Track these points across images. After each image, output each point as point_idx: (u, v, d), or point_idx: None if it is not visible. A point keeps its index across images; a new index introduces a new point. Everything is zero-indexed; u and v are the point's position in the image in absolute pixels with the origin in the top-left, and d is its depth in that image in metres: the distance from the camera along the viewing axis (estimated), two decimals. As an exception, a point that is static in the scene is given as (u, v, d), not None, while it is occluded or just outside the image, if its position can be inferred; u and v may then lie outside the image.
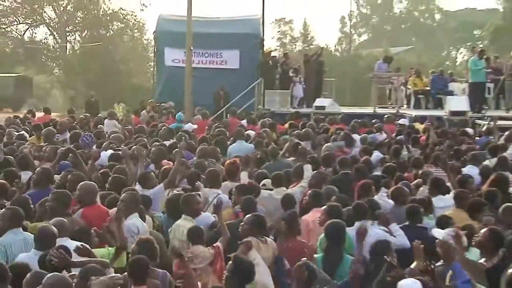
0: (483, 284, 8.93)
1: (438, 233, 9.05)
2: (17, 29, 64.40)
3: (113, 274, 7.03)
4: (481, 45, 61.71)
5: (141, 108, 30.01)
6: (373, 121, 26.20)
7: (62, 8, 63.76)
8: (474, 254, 9.82)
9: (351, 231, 10.51)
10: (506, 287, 8.30)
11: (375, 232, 10.91)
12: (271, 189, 13.53)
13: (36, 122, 22.10)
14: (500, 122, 25.32)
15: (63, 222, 9.46)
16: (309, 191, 12.79)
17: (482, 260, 9.65)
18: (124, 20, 63.30)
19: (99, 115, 27.66)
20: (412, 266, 8.54)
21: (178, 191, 12.70)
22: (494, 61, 33.60)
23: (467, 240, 9.78)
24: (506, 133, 20.87)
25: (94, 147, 17.78)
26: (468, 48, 55.06)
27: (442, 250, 8.65)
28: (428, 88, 34.07)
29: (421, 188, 14.12)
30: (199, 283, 8.40)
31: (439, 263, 8.73)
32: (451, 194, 12.98)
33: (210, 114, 28.30)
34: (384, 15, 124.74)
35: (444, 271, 8.27)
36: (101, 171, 14.21)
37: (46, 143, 17.44)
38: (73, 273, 7.57)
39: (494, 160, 16.53)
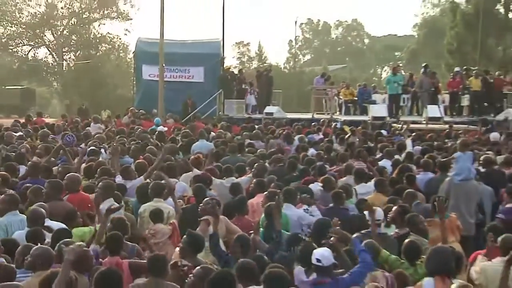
0: (393, 250, 9.19)
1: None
2: (22, 49, 63.93)
3: (80, 243, 6.99)
4: (400, 64, 62.22)
5: (124, 114, 29.93)
6: (312, 124, 26.59)
7: (59, 33, 63.52)
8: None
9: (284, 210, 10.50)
10: (402, 252, 8.71)
11: (296, 211, 11.13)
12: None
13: (34, 126, 22.05)
14: (411, 126, 25.38)
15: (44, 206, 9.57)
16: (254, 180, 12.90)
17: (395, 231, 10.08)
18: (111, 42, 63.05)
19: (89, 119, 27.60)
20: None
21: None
22: (410, 78, 33.97)
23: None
24: (413, 134, 21.27)
25: (82, 145, 17.74)
26: (390, 66, 55.87)
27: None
28: (356, 98, 34.29)
29: (345, 178, 14.12)
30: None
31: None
32: (372, 182, 13.13)
33: (179, 119, 28.61)
34: (323, 39, 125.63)
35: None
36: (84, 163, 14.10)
37: (41, 142, 17.41)
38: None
39: (404, 155, 16.70)
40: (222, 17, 38.66)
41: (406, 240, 8.99)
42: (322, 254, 7.92)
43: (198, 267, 7.43)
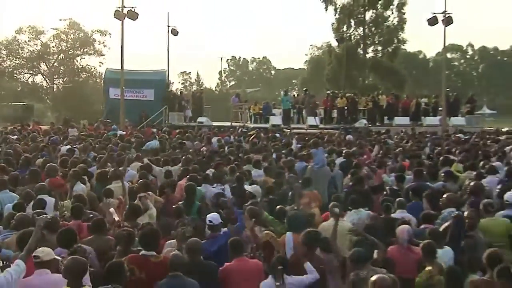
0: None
1: None
2: (24, 76, 62.94)
3: (45, 216, 6.72)
4: (295, 89, 62.75)
5: (95, 122, 29.19)
6: (231, 129, 26.49)
7: (51, 64, 62.43)
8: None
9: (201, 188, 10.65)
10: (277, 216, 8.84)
11: (211, 189, 10.93)
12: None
13: (27, 131, 21.42)
14: (297, 131, 25.84)
15: (42, 187, 9.61)
16: (182, 168, 12.86)
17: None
18: (89, 71, 62.36)
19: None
20: None
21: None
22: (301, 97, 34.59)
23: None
24: (297, 136, 21.28)
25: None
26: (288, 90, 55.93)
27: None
28: (261, 112, 34.20)
29: (246, 166, 13.82)
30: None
31: None
32: (262, 169, 13.10)
33: (136, 126, 28.20)
34: (243, 70, 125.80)
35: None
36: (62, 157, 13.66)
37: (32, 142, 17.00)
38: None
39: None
40: (167, 54, 38.34)
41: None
42: (212, 216, 7.92)
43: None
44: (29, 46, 61.14)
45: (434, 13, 30.77)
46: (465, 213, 8.20)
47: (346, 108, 32.30)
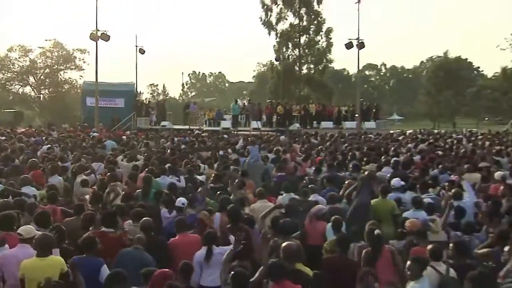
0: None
1: None
2: (15, 87, 61.17)
3: None
4: (246, 98, 62.60)
5: (74, 126, 28.92)
6: (189, 132, 26.12)
7: (38, 77, 60.84)
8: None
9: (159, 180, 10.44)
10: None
11: (167, 179, 10.72)
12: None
13: (15, 132, 20.96)
14: (242, 133, 25.92)
15: (26, 178, 9.40)
16: (143, 163, 12.56)
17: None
18: (71, 83, 60.95)
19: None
20: None
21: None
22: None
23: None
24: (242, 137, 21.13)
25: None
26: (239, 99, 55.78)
27: None
28: (214, 117, 34.34)
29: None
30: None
31: None
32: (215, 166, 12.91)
33: (109, 129, 27.43)
34: (202, 83, 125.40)
35: None
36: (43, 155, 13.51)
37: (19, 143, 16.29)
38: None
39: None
40: (136, 69, 37.64)
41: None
42: (181, 200, 7.96)
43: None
44: (19, 62, 59.91)
45: (350, 39, 31.59)
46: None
47: (283, 114, 32.37)
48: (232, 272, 5.06)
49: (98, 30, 29.26)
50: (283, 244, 5.80)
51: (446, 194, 9.54)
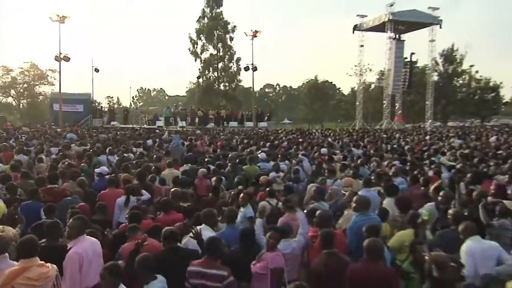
0: None
1: None
2: (-2, 98, 56.83)
3: None
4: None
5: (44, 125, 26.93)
6: (132, 128, 24.50)
7: (18, 91, 56.74)
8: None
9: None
10: None
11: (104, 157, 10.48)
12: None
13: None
14: (171, 128, 25.44)
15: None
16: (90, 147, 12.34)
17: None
18: (45, 95, 56.23)
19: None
20: None
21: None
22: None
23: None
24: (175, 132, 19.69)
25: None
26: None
27: None
28: (152, 119, 33.20)
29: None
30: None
31: None
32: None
33: (71, 127, 25.50)
34: (147, 96, 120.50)
35: None
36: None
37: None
38: None
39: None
40: (92, 83, 35.88)
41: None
42: (103, 169, 7.96)
43: None
44: (2, 78, 56.08)
45: (247, 64, 32.97)
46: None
47: (202, 117, 32.22)
48: None
49: (61, 53, 28.26)
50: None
51: (293, 161, 10.35)
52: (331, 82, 74.96)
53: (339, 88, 77.85)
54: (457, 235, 4.36)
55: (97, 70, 35.23)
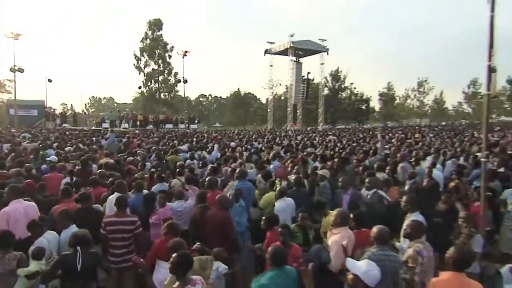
0: None
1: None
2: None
3: None
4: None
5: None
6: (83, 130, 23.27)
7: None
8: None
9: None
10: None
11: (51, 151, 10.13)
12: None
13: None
14: (116, 129, 23.38)
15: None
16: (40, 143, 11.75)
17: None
18: (3, 102, 48.90)
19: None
20: None
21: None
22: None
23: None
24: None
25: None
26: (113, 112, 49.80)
27: None
28: (100, 121, 31.44)
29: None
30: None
31: None
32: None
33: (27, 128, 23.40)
34: (98, 103, 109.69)
35: None
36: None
37: None
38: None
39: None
40: (45, 91, 33.31)
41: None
42: (52, 157, 7.95)
43: None
44: None
45: (179, 77, 32.95)
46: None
47: (142, 120, 31.36)
48: None
49: (15, 66, 26.27)
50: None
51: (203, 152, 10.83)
52: (252, 93, 77.17)
53: (259, 98, 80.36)
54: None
55: (50, 80, 33.01)
